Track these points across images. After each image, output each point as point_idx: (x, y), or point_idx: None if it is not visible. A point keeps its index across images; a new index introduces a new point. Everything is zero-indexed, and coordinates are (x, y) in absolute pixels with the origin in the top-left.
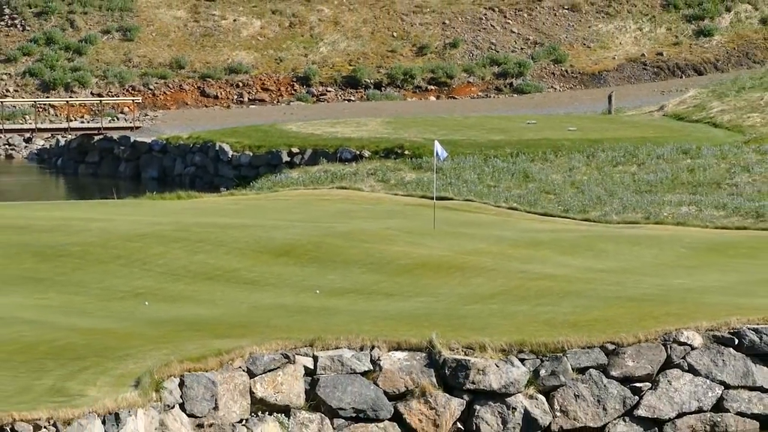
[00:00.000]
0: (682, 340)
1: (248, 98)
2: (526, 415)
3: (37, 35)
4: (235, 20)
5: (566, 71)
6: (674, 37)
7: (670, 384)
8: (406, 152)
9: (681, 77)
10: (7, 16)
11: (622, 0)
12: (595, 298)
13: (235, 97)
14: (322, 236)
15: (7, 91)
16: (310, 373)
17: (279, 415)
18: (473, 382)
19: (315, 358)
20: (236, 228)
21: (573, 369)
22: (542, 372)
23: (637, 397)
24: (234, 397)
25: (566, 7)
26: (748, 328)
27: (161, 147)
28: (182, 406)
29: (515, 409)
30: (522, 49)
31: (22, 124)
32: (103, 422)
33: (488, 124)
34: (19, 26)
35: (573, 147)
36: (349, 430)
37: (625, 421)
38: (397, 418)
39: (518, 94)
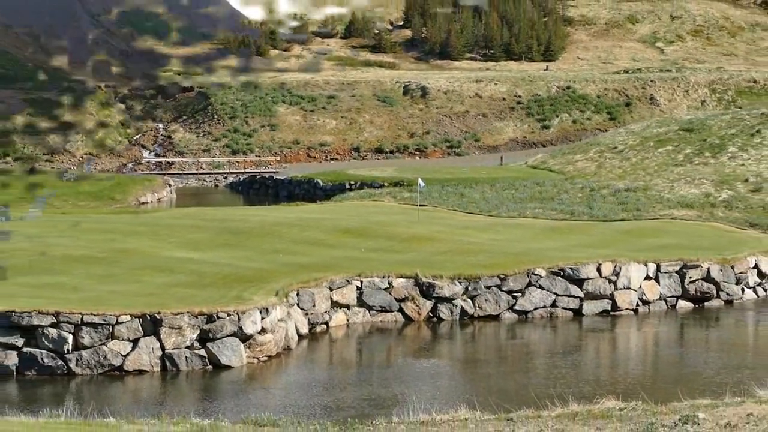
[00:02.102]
0: (536, 273)
1: (330, 158)
2: (462, 309)
3: (230, 127)
4: (323, 121)
5: (481, 145)
6: (531, 129)
7: (530, 294)
8: (405, 183)
9: (535, 148)
10: (215, 118)
11: (507, 112)
12: (494, 253)
13: (324, 157)
14: (365, 223)
15: (216, 154)
16: (359, 288)
17: (344, 308)
18: (437, 293)
19: (361, 282)
20: (323, 219)
21: (484, 287)
22: (470, 288)
23: (515, 300)
24: (322, 300)
25: (480, 115)
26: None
27: (288, 181)
28: (298, 305)
29: (456, 306)
30: (459, 134)
31: (222, 170)
32: (260, 312)
33: (444, 171)
34: (220, 123)
35: (484, 181)
36: (378, 316)
37: (509, 312)
38: (401, 310)
39: (458, 156)
